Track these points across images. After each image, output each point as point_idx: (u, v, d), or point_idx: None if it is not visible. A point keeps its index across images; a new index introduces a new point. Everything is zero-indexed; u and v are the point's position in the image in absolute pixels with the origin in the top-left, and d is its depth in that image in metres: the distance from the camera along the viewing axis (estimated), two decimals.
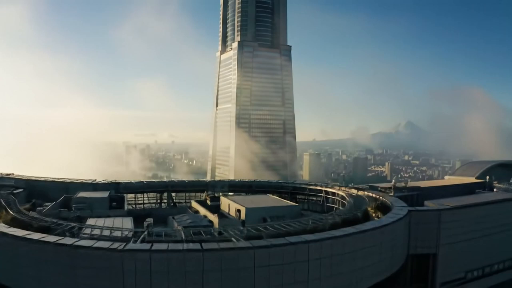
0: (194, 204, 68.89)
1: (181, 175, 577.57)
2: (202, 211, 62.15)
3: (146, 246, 35.67)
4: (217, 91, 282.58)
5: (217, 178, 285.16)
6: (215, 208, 63.02)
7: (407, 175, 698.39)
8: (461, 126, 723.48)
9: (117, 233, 40.62)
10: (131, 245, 35.75)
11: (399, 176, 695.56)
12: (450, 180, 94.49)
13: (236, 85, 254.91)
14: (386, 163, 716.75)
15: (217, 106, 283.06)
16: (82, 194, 65.40)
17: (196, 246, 35.66)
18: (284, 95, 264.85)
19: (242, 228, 42.32)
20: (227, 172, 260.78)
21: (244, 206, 56.60)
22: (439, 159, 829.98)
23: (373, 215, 57.88)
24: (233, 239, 38.64)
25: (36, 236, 38.82)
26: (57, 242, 36.95)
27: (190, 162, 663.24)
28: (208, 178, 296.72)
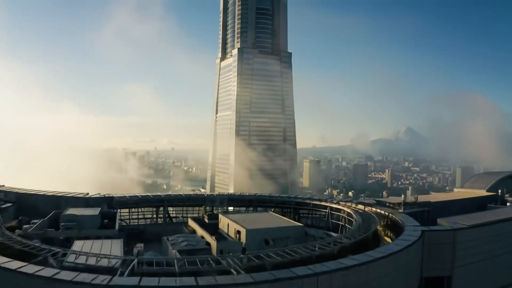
0: (191, 223, 64.14)
1: (180, 182, 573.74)
2: (199, 231, 57.36)
3: (134, 280, 31.30)
4: (217, 98, 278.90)
5: (216, 186, 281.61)
6: (213, 228, 58.34)
7: (407, 182, 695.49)
8: (461, 132, 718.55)
9: (104, 262, 36.35)
10: (116, 280, 31.37)
11: (399, 183, 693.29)
12: (460, 193, 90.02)
13: (236, 92, 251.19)
14: (386, 170, 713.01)
15: (217, 113, 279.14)
16: (71, 211, 61.03)
17: (191, 280, 31.25)
18: (284, 102, 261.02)
19: (242, 256, 37.89)
20: (227, 180, 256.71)
21: (244, 228, 51.83)
22: (439, 165, 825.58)
23: (383, 234, 53.68)
24: (232, 270, 34.35)
25: (14, 264, 34.48)
26: (35, 273, 32.55)
27: (190, 169, 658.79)
28: (208, 185, 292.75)
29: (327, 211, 68.77)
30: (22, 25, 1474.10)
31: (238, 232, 52.63)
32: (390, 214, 59.77)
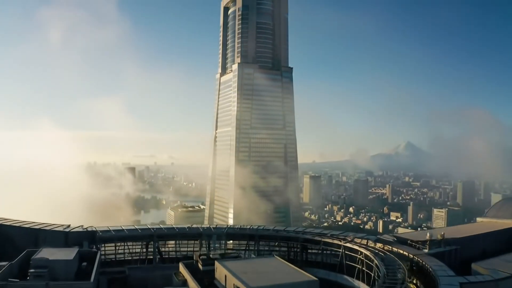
0: (182, 270, 52.50)
1: (180, 197, 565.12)
2: (191, 283, 46.78)
3: None
4: (217, 113, 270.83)
5: (216, 203, 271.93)
6: (208, 277, 48.02)
7: (408, 197, 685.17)
8: (462, 147, 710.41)
9: None
10: None
11: (400, 198, 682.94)
12: (485, 224, 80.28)
13: (236, 107, 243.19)
14: (387, 185, 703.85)
15: (216, 129, 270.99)
16: (44, 253, 51.57)
17: None
18: (285, 118, 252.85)
19: None
20: (226, 196, 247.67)
21: (246, 285, 41.20)
22: (439, 180, 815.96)
23: (412, 284, 44.48)
24: None
25: None
26: None
27: (190, 184, 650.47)
28: (207, 201, 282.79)
29: (340, 250, 59.09)
30: None
31: None
32: (416, 257, 50.54)
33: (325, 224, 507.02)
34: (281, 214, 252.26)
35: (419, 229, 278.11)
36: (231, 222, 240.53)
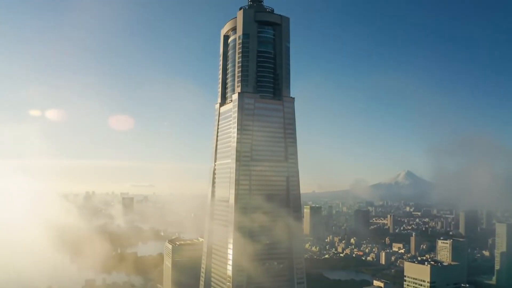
0: None
1: (178, 229, 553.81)
2: None
3: None
4: (216, 145, 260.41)
5: (215, 235, 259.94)
6: None
7: (409, 227, 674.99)
8: (464, 176, 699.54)
9: None
10: None
11: (401, 228, 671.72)
12: None
13: (236, 139, 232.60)
14: (388, 216, 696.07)
15: (215, 161, 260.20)
16: None
17: None
18: (288, 150, 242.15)
19: None
20: (225, 227, 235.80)
21: None
22: (440, 209, 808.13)
23: None
24: None
25: None
26: None
27: (189, 215, 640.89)
28: (206, 235, 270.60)
29: None
30: None
31: None
32: None
33: (326, 256, 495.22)
34: (282, 250, 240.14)
35: (426, 264, 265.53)
36: (230, 257, 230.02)
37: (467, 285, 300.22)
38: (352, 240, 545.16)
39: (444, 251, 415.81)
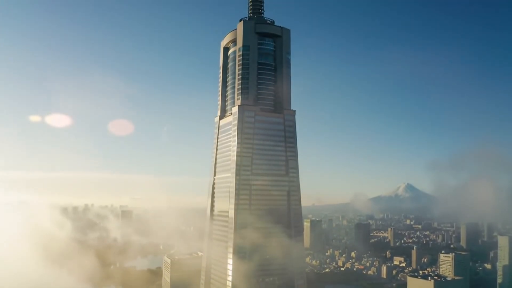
0: None
1: (177, 242, 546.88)
2: None
3: None
4: (215, 158, 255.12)
5: (214, 249, 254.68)
6: None
7: (410, 241, 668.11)
8: (466, 189, 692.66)
9: None
10: None
11: (402, 241, 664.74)
12: None
13: (236, 153, 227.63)
14: (389, 229, 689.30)
15: (215, 175, 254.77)
16: None
17: None
18: (288, 164, 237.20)
19: None
20: (225, 242, 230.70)
21: None
22: (441, 222, 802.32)
23: None
24: None
25: None
26: None
27: (188, 228, 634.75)
28: (205, 250, 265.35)
29: None
30: None
31: None
32: None
33: (327, 270, 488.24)
34: (283, 266, 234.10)
35: (429, 279, 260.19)
36: (230, 272, 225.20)
37: None
38: (352, 254, 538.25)
39: (446, 264, 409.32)
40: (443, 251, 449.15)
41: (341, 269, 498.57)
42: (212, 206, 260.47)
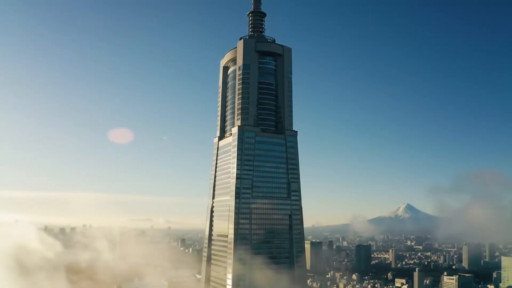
0: None
1: (176, 264, 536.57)
2: None
3: None
4: (214, 181, 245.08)
5: (212, 274, 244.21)
6: None
7: (411, 262, 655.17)
8: (468, 210, 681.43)
9: None
10: None
11: (403, 263, 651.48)
12: None
13: (235, 175, 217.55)
14: (390, 250, 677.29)
15: (213, 197, 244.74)
16: None
17: None
18: (290, 187, 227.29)
19: None
20: (224, 268, 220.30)
21: None
22: (442, 243, 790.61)
23: None
24: None
25: None
26: None
27: (186, 250, 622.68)
28: (203, 272, 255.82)
29: None
30: None
31: None
32: None
33: None
34: None
35: None
36: None
37: None
38: (354, 276, 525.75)
39: (449, 286, 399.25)
40: (445, 273, 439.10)
41: None
42: (211, 229, 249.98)
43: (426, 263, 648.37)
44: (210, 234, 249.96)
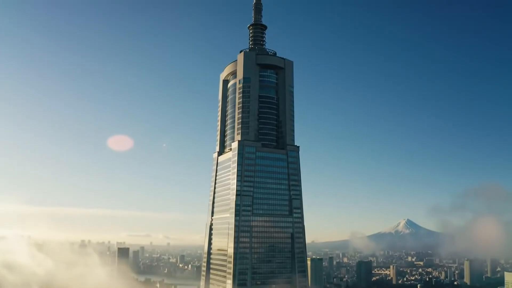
0: None
1: (175, 280, 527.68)
2: None
3: None
4: (213, 197, 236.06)
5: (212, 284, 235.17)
6: None
7: (413, 278, 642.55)
8: (470, 225, 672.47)
9: None
10: None
11: (404, 279, 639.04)
12: None
13: (235, 191, 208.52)
14: (391, 266, 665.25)
15: (212, 215, 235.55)
16: None
17: None
18: (292, 203, 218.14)
19: None
20: (223, 283, 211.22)
21: None
22: (443, 258, 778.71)
23: None
24: None
25: None
26: None
27: (186, 266, 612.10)
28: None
29: None
30: None
31: None
32: None
33: None
34: None
35: None
36: None
37: None
38: None
39: None
40: None
41: None
42: (210, 246, 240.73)
43: (427, 279, 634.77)
44: (209, 252, 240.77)
